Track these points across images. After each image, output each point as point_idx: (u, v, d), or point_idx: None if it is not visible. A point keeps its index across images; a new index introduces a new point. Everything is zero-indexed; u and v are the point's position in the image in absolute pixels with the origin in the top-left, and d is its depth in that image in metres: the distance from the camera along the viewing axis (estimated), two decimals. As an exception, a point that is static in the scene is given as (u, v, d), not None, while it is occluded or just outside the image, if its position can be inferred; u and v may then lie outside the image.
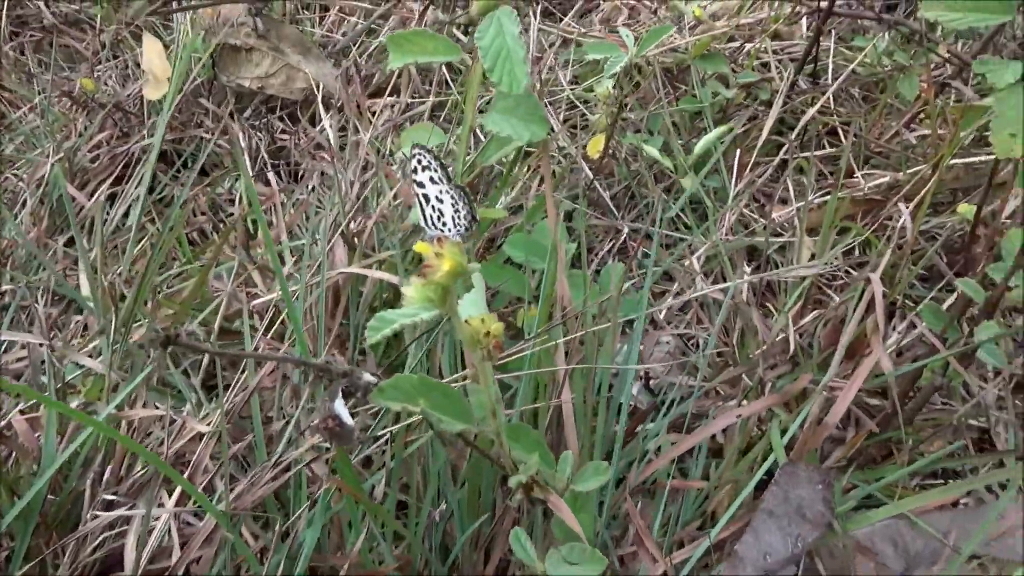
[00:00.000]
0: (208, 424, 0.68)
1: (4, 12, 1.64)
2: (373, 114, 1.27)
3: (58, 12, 1.69)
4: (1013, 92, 0.59)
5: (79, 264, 1.11)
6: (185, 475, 0.64)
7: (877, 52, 1.23)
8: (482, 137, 1.10)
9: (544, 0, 1.55)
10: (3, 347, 0.94)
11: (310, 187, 1.28)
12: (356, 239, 0.80)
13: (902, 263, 0.94)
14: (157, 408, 0.79)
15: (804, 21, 1.33)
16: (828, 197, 1.10)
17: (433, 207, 0.65)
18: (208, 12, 1.40)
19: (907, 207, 0.98)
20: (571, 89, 1.26)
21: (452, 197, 0.64)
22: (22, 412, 0.70)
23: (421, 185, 0.65)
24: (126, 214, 1.25)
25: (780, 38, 1.32)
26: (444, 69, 1.38)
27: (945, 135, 1.09)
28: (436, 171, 0.63)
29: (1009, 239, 0.67)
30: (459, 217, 0.65)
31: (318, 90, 1.38)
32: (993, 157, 0.84)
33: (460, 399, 0.46)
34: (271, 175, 1.33)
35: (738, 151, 1.13)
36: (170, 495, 0.65)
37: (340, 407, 0.44)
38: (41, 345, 0.72)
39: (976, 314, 0.70)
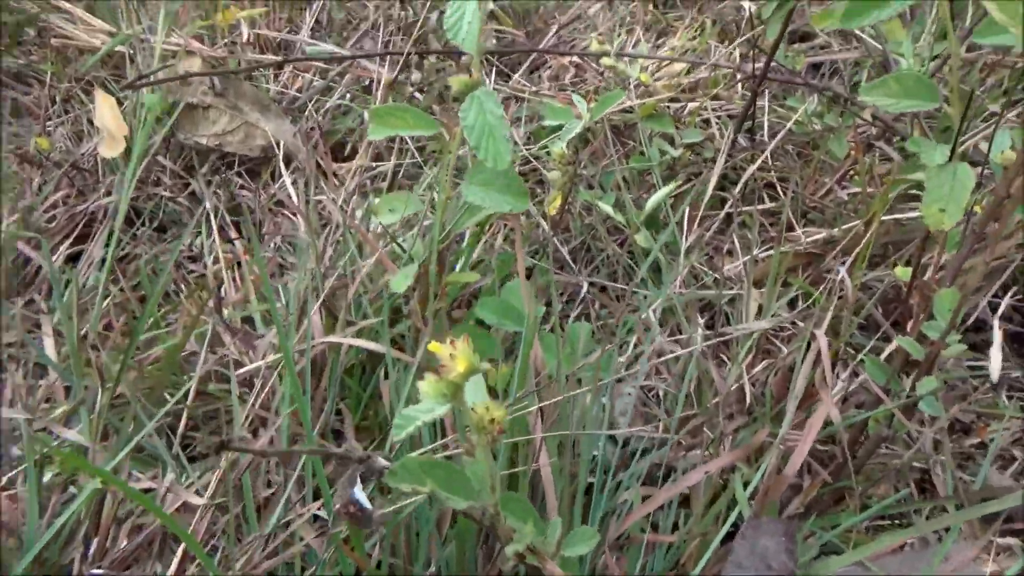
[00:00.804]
0: (197, 494, 0.69)
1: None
2: (335, 174, 1.30)
3: (3, 67, 1.67)
4: (942, 171, 0.66)
5: (43, 327, 1.10)
6: (179, 548, 0.65)
7: (808, 113, 1.33)
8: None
9: (494, 60, 1.61)
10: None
11: (273, 245, 1.30)
12: (334, 306, 0.83)
13: (843, 315, 1.02)
14: (136, 475, 0.80)
15: (741, 84, 1.42)
16: (772, 252, 1.18)
17: None
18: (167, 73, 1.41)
19: (844, 262, 1.06)
20: (527, 148, 1.31)
21: None
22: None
23: None
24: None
25: (719, 98, 1.41)
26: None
27: (874, 192, 1.18)
28: None
29: (940, 299, 0.74)
30: None
31: (278, 147, 1.40)
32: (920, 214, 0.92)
33: (462, 475, 0.50)
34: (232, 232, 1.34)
35: (686, 208, 1.20)
36: (165, 567, 0.66)
37: (359, 493, 0.47)
38: (28, 421, 0.72)
39: (913, 362, 0.77)
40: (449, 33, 0.62)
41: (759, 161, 1.24)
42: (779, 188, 1.31)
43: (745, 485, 0.72)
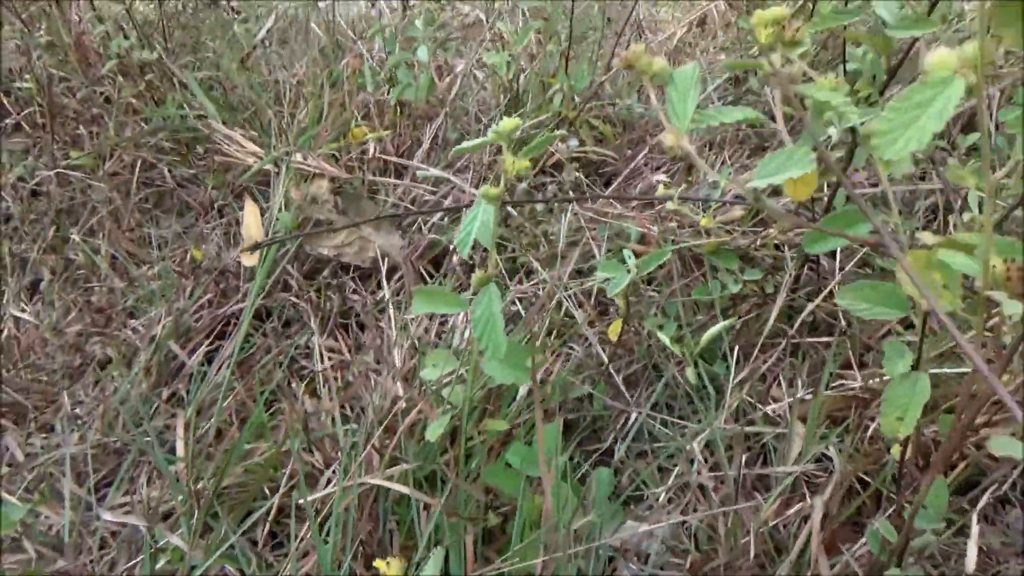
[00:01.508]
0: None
1: (136, 177, 1.96)
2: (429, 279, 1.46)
3: (177, 175, 2.00)
4: (903, 381, 0.72)
5: (178, 419, 1.33)
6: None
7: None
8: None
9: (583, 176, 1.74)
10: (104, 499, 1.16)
11: (371, 352, 1.48)
12: (383, 449, 0.98)
13: (875, 467, 1.05)
14: (227, 568, 0.98)
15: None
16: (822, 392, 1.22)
17: None
18: (298, 193, 1.66)
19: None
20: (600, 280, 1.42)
21: None
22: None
23: None
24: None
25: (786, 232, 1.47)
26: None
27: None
28: None
29: (924, 488, 0.79)
30: None
31: (383, 261, 1.60)
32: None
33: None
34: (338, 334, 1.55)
35: (738, 345, 1.27)
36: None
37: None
38: (144, 528, 0.92)
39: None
40: (459, 247, 0.76)
41: (819, 299, 1.29)
42: (842, 322, 1.34)
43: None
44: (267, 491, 1.16)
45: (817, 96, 0.63)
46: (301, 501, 0.92)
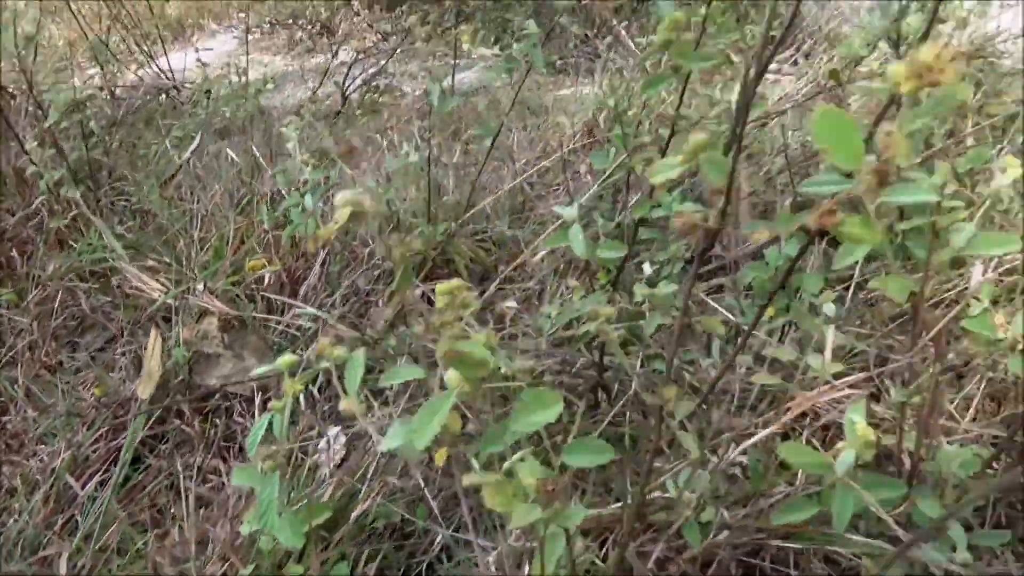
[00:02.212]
0: None
1: (57, 305, 2.20)
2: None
3: (93, 302, 2.24)
4: (555, 537, 0.97)
5: (62, 558, 1.55)
6: None
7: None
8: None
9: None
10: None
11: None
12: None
13: None
14: None
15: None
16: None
17: None
18: (188, 332, 1.91)
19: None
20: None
21: None
22: None
23: None
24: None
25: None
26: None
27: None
28: None
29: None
30: None
31: (258, 392, 1.85)
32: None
33: None
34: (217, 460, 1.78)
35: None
36: None
37: None
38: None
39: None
40: (248, 449, 1.01)
41: (604, 423, 1.55)
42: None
43: None
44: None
45: (461, 347, 0.89)
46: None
